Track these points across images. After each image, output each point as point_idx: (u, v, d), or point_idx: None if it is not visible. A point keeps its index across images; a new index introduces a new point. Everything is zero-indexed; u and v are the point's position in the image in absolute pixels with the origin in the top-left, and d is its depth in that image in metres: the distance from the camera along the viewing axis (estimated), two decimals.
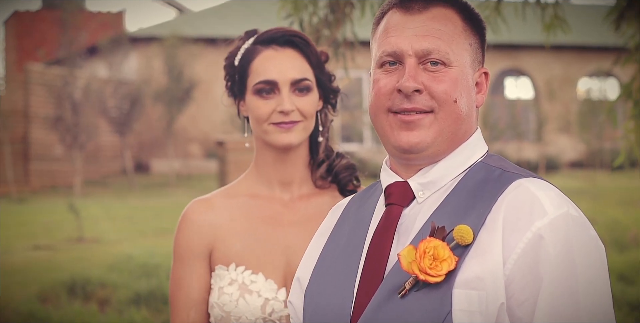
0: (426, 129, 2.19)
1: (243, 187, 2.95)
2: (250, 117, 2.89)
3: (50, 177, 22.98)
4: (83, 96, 22.41)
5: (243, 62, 2.91)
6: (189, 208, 2.92)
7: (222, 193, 2.95)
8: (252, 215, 2.90)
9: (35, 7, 34.16)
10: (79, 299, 10.22)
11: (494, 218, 2.09)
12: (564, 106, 29.83)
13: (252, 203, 2.92)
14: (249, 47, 2.92)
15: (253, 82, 2.86)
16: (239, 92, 2.93)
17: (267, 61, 2.88)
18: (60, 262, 11.95)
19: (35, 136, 22.85)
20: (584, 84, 30.41)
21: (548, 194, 2.12)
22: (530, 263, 2.04)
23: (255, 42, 2.92)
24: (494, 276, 2.04)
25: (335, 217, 2.42)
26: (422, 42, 2.19)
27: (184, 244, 2.88)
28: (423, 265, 2.05)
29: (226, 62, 2.99)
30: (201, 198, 2.94)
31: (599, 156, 27.31)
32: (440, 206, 2.18)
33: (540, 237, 2.05)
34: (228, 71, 2.97)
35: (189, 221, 2.89)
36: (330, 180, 3.00)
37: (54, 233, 14.81)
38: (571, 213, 2.10)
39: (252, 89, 2.86)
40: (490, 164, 2.23)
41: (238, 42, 2.98)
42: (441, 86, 2.18)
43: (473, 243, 2.07)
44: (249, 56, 2.90)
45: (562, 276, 2.04)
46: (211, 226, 2.89)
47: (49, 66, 24.82)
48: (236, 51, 2.95)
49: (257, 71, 2.87)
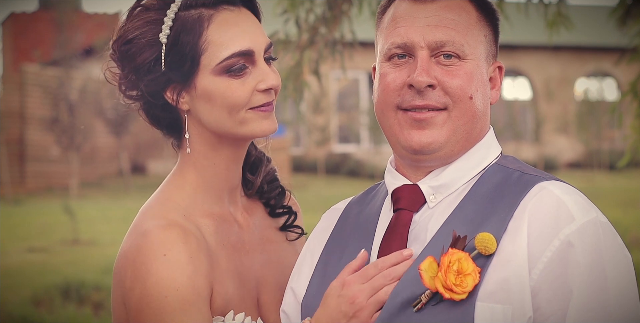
0: (439, 128, 2.03)
1: (194, 205, 2.27)
2: (213, 108, 2.22)
3: (46, 178, 22.85)
4: (79, 97, 22.32)
5: (185, 36, 2.20)
6: (170, 238, 2.15)
7: (179, 215, 2.23)
8: (221, 242, 2.27)
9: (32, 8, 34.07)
10: (73, 303, 10.13)
11: (516, 224, 1.93)
12: (562, 106, 29.74)
13: (215, 228, 2.28)
14: (183, 14, 2.21)
15: (217, 59, 2.19)
16: (180, 78, 2.22)
17: (229, 26, 2.21)
18: (54, 265, 11.86)
19: (31, 137, 22.72)
20: (582, 84, 30.34)
21: (574, 199, 1.97)
22: (558, 273, 1.89)
23: (188, 6, 2.22)
24: (519, 288, 1.88)
25: (331, 222, 2.26)
26: (435, 33, 2.03)
27: (189, 285, 2.12)
28: (449, 282, 1.88)
29: (130, 45, 2.23)
30: (173, 224, 2.19)
31: (597, 156, 27.23)
32: (454, 211, 2.02)
33: (569, 244, 1.90)
34: (140, 55, 2.23)
35: (181, 254, 2.14)
36: (256, 191, 2.43)
37: (49, 235, 14.73)
38: (600, 219, 1.96)
39: (216, 69, 2.20)
40: (507, 166, 2.08)
41: (147, 14, 2.24)
42: (456, 80, 2.03)
43: (495, 251, 1.91)
44: (193, 26, 2.20)
45: (593, 288, 1.89)
46: (207, 260, 2.21)
47: (45, 67, 24.69)
48: (153, 25, 2.23)
49: (219, 42, 2.19)
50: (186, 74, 2.22)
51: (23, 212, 17.70)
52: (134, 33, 2.23)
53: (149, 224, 2.19)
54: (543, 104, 29.67)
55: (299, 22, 5.11)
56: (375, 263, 1.99)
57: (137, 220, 2.23)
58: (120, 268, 2.19)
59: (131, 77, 2.26)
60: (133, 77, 2.25)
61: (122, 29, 2.27)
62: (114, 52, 2.28)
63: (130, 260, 2.16)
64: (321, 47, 5.06)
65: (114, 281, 2.23)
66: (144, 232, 2.17)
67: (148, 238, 2.15)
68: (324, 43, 5.13)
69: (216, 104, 2.21)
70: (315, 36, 5.13)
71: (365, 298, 1.97)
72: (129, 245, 2.19)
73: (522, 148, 27.60)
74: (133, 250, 2.16)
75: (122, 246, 2.22)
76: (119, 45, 2.25)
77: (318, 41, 5.12)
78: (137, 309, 2.12)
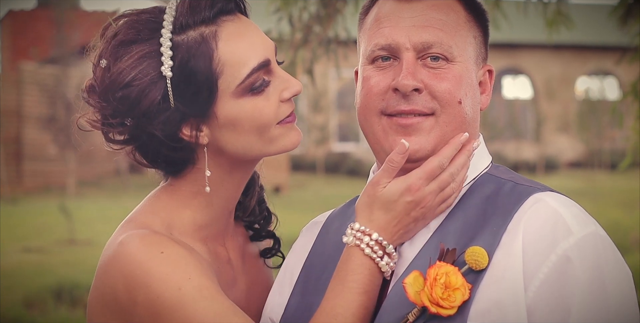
0: (426, 135, 1.92)
1: (189, 227, 2.06)
2: (240, 134, 1.99)
3: (44, 177, 22.79)
4: (77, 95, 22.25)
5: (193, 63, 1.94)
6: (161, 239, 1.95)
7: (163, 231, 2.02)
8: (213, 274, 2.01)
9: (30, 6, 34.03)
10: (65, 304, 10.06)
11: (510, 238, 1.82)
12: (563, 105, 29.70)
13: (207, 256, 2.06)
14: (182, 39, 1.95)
15: (236, 80, 1.95)
16: (197, 111, 1.96)
17: (238, 40, 1.97)
18: (49, 266, 11.82)
19: (28, 136, 22.67)
20: (583, 83, 30.31)
21: (572, 211, 1.85)
22: (556, 290, 1.78)
23: (183, 27, 1.96)
24: (514, 306, 1.77)
25: (310, 238, 2.14)
26: (421, 33, 1.92)
27: (200, 272, 1.93)
28: (435, 295, 1.77)
29: (130, 89, 1.94)
30: (158, 233, 1.99)
31: (598, 156, 27.19)
32: (443, 224, 1.91)
33: (567, 260, 1.79)
34: (145, 97, 1.94)
35: (180, 250, 1.96)
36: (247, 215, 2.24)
37: (46, 235, 14.72)
38: (599, 233, 1.84)
39: (237, 91, 1.96)
40: (498, 176, 1.96)
41: (136, 49, 1.95)
42: (443, 84, 1.91)
43: (488, 267, 1.80)
44: (200, 49, 1.95)
45: (593, 306, 1.77)
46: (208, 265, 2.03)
47: (43, 65, 24.63)
48: (150, 58, 1.95)
49: (234, 60, 1.95)
50: (203, 105, 1.95)
51: (20, 212, 17.68)
52: (130, 74, 1.94)
53: (129, 233, 1.98)
54: (544, 103, 29.63)
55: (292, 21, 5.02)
56: (437, 160, 1.89)
57: (113, 236, 2.03)
58: (104, 288, 1.96)
59: (133, 123, 1.96)
60: (136, 123, 1.96)
61: (110, 73, 1.96)
62: (107, 101, 1.97)
63: (116, 273, 1.93)
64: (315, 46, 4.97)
65: (92, 311, 2.00)
66: (123, 242, 1.96)
67: (132, 244, 1.94)
68: (318, 42, 5.04)
69: (244, 129, 1.98)
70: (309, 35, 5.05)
71: (434, 198, 1.90)
72: (108, 258, 1.96)
73: (522, 147, 27.56)
74: (116, 261, 1.94)
75: (100, 264, 1.99)
76: (113, 92, 1.95)
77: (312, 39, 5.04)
78: (151, 318, 1.90)
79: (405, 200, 1.87)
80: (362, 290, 1.86)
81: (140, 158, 2.06)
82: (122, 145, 2.05)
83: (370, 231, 1.87)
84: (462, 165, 1.91)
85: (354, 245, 1.87)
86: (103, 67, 1.99)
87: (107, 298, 1.96)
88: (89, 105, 2.04)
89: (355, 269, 1.87)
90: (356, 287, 1.86)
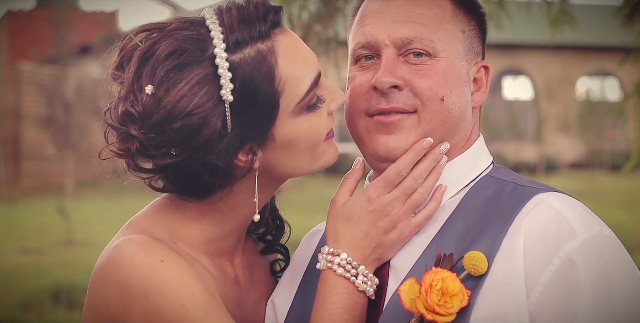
0: (407, 133, 1.85)
1: (199, 240, 1.90)
2: (295, 154, 1.84)
3: (42, 178, 22.77)
4: (75, 95, 22.26)
5: (257, 83, 1.76)
6: (159, 246, 1.80)
7: (166, 238, 1.87)
8: (217, 291, 1.88)
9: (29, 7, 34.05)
10: (63, 306, 10.02)
11: (512, 241, 1.74)
12: (563, 105, 29.69)
13: (212, 269, 1.91)
14: (239, 58, 1.76)
15: (296, 98, 1.80)
16: (256, 135, 1.80)
17: (293, 54, 1.82)
18: (46, 267, 11.79)
19: (26, 136, 22.66)
20: (583, 83, 30.32)
21: (576, 212, 1.77)
22: (560, 295, 1.70)
23: (238, 44, 1.77)
24: (516, 314, 1.69)
25: (311, 246, 2.07)
26: (400, 29, 1.86)
27: (202, 287, 1.79)
28: (430, 301, 1.70)
29: (189, 119, 1.73)
30: (157, 239, 1.83)
31: (599, 156, 27.19)
32: (442, 229, 1.84)
33: (570, 263, 1.71)
34: (206, 126, 1.74)
35: (180, 260, 1.80)
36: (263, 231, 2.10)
37: (44, 235, 14.71)
38: (605, 234, 1.76)
39: (296, 109, 1.80)
40: (499, 178, 1.89)
41: (190, 72, 1.75)
42: (425, 80, 1.85)
43: (488, 272, 1.72)
44: (261, 67, 1.76)
45: (599, 311, 1.69)
46: (210, 279, 1.88)
47: (42, 65, 24.61)
48: (206, 83, 1.74)
49: (293, 76, 1.79)
50: (264, 128, 1.78)
51: (18, 212, 17.69)
52: (192, 101, 1.72)
53: (126, 237, 1.83)
54: (544, 104, 29.62)
55: (292, 20, 4.97)
56: (394, 167, 1.83)
57: (111, 241, 1.88)
58: (96, 295, 1.82)
59: (186, 154, 1.75)
60: (190, 154, 1.75)
61: (165, 102, 1.73)
62: (158, 132, 1.74)
63: (109, 279, 1.79)
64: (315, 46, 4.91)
65: (85, 319, 1.88)
66: (119, 246, 1.81)
67: (128, 249, 1.79)
68: (318, 41, 4.99)
69: (300, 148, 1.83)
70: (309, 34, 4.99)
71: (401, 205, 1.82)
72: (102, 263, 1.82)
73: (522, 148, 27.54)
74: (111, 267, 1.79)
75: (94, 269, 1.85)
76: (170, 123, 1.72)
77: (312, 38, 4.98)
78: None
79: (366, 210, 1.82)
80: (343, 310, 1.79)
81: (175, 185, 1.85)
82: (152, 174, 1.84)
83: (338, 251, 1.82)
84: (426, 169, 1.85)
85: (326, 268, 1.82)
86: (150, 95, 1.75)
87: (98, 304, 1.83)
88: (119, 133, 1.81)
89: (331, 291, 1.81)
90: (336, 307, 1.79)
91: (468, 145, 1.93)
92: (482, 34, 1.95)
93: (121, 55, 1.85)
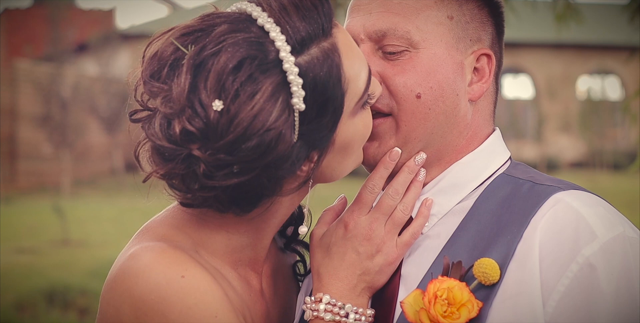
0: (387, 138, 1.70)
1: (222, 249, 1.73)
2: (347, 156, 1.70)
3: (39, 177, 22.68)
4: (72, 93, 22.21)
5: (327, 86, 1.57)
6: (180, 257, 1.62)
7: (191, 248, 1.69)
8: (241, 306, 1.73)
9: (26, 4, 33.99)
10: (57, 307, 9.94)
11: (527, 246, 1.58)
12: (564, 104, 29.61)
13: (236, 282, 1.74)
14: (306, 60, 1.56)
15: (356, 96, 1.63)
16: (321, 142, 1.62)
17: (350, 50, 1.64)
18: (41, 267, 11.72)
19: (23, 134, 22.57)
20: (584, 82, 30.25)
21: (597, 211, 1.60)
22: (579, 305, 1.54)
23: (303, 44, 1.57)
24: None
25: None
26: (374, 21, 1.71)
27: (227, 307, 1.64)
28: (434, 312, 1.56)
29: (264, 136, 1.54)
30: (178, 247, 1.66)
31: (600, 156, 27.12)
32: (454, 235, 1.68)
33: (590, 268, 1.55)
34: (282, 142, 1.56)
35: (203, 273, 1.63)
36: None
37: (39, 235, 14.66)
38: (628, 235, 1.59)
39: (355, 108, 1.65)
40: (516, 177, 1.72)
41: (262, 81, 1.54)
42: (399, 77, 1.69)
43: (501, 281, 1.57)
44: (330, 69, 1.58)
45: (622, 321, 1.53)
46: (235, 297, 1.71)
47: (38, 63, 24.52)
48: (278, 91, 1.54)
49: (353, 73, 1.62)
50: (329, 133, 1.61)
51: (13, 211, 17.64)
52: (271, 114, 1.53)
53: (143, 245, 1.65)
54: (545, 103, 29.54)
55: None
56: (366, 188, 1.70)
57: (125, 247, 1.69)
58: (107, 308, 1.64)
59: (255, 172, 1.56)
60: (260, 171, 1.56)
61: (239, 118, 1.52)
62: (231, 152, 1.53)
63: (123, 291, 1.61)
64: None
65: None
66: (135, 255, 1.62)
67: (146, 260, 1.61)
68: None
69: (353, 149, 1.68)
70: None
71: (382, 227, 1.67)
72: (116, 274, 1.64)
73: (523, 147, 27.46)
74: (125, 278, 1.61)
75: (107, 280, 1.66)
76: (246, 141, 1.53)
77: None
78: None
79: (344, 238, 1.68)
80: None
81: (205, 200, 1.62)
82: (202, 194, 1.60)
83: (319, 296, 1.67)
84: (402, 184, 1.69)
85: (313, 318, 1.67)
86: (219, 111, 1.53)
87: (110, 318, 1.64)
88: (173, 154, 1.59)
89: None
90: None
91: (477, 141, 1.77)
92: (486, 18, 1.76)
93: (156, 62, 1.62)
